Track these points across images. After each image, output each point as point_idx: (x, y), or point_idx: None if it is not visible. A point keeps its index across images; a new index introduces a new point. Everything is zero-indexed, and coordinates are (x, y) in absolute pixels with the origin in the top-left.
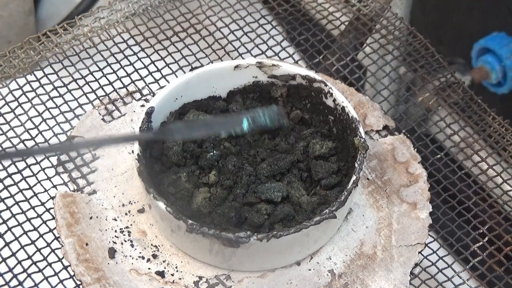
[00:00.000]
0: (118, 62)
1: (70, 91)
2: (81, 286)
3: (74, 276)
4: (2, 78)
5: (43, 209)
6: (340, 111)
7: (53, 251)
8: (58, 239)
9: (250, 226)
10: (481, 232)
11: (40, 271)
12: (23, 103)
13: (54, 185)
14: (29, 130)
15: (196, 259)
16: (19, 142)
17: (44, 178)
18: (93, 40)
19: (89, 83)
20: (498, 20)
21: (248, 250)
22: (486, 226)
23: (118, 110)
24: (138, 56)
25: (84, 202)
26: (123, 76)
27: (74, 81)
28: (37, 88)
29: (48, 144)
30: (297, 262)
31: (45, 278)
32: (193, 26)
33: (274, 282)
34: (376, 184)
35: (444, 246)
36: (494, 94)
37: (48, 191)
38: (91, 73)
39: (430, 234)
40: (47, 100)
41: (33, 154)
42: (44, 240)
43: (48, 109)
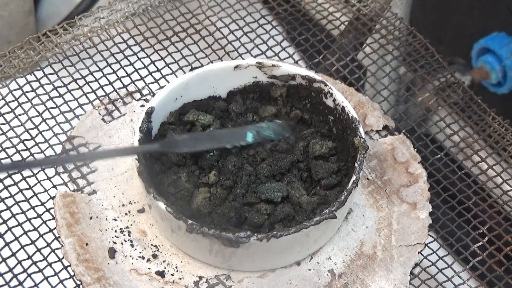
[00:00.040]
0: (118, 62)
1: (70, 91)
2: (81, 286)
3: (74, 276)
4: (2, 78)
5: (43, 209)
6: (340, 111)
7: (53, 251)
8: (58, 239)
9: (250, 226)
10: (481, 232)
11: (40, 271)
12: (23, 103)
13: (54, 185)
14: (29, 130)
15: (196, 259)
16: (19, 142)
17: (44, 178)
18: (93, 40)
19: (89, 83)
20: (498, 20)
21: (248, 250)
22: (486, 226)
23: (118, 110)
24: (138, 56)
25: (84, 202)
26: (123, 76)
27: (74, 81)
28: (37, 88)
29: (55, 154)
30: (297, 262)
31: (45, 278)
32: (193, 26)
33: (274, 282)
34: (376, 184)
35: (444, 246)
36: (494, 94)
37: (48, 191)
38: (91, 73)
39: (430, 234)
40: (47, 100)
41: (40, 166)
42: (44, 240)
43: (48, 109)
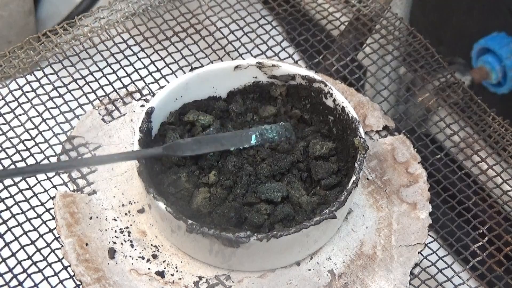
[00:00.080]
0: (118, 62)
1: (70, 91)
2: (81, 286)
3: (74, 276)
4: (2, 78)
5: (43, 209)
6: (340, 111)
7: (53, 251)
8: (58, 239)
9: (250, 226)
10: (481, 232)
11: (40, 271)
12: (23, 103)
13: (54, 185)
14: (29, 130)
15: (196, 259)
16: (19, 142)
17: (44, 178)
18: (93, 40)
19: (89, 83)
20: (498, 20)
21: (248, 250)
22: (486, 226)
23: (118, 110)
24: (138, 56)
25: (84, 202)
26: (123, 76)
27: (74, 81)
28: (37, 88)
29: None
30: (297, 262)
31: (45, 278)
32: (193, 26)
33: (274, 282)
34: (376, 184)
35: (444, 246)
36: (494, 94)
37: (48, 191)
38: (91, 73)
39: (430, 234)
40: (47, 100)
41: (44, 172)
42: (44, 240)
43: (48, 109)
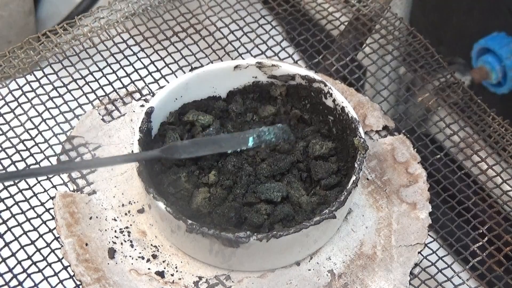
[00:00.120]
0: (118, 62)
1: (70, 91)
2: (81, 286)
3: (74, 276)
4: (2, 78)
5: (43, 209)
6: (339, 111)
7: (53, 251)
8: (58, 239)
9: (250, 226)
10: (480, 232)
11: (40, 271)
12: (23, 103)
13: (54, 185)
14: (29, 130)
15: (196, 259)
16: (19, 142)
17: (43, 178)
18: (93, 40)
19: (88, 83)
20: (498, 20)
21: (248, 250)
22: (486, 226)
23: (118, 110)
24: (137, 56)
25: (84, 202)
26: (123, 76)
27: (73, 81)
28: (37, 88)
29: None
30: (296, 262)
31: (45, 278)
32: (193, 26)
33: (274, 282)
34: (375, 184)
35: (443, 246)
36: (494, 94)
37: (47, 191)
38: (91, 73)
39: (429, 234)
40: (47, 100)
41: (44, 174)
42: (44, 240)
43: (48, 109)
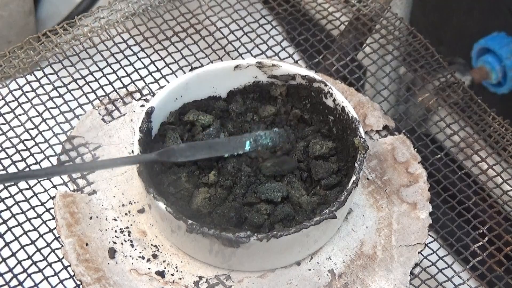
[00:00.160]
0: (118, 62)
1: (70, 91)
2: (81, 286)
3: (74, 276)
4: (2, 78)
5: (43, 209)
6: (340, 111)
7: (53, 251)
8: (58, 239)
9: (250, 226)
10: (481, 232)
11: (40, 271)
12: (23, 103)
13: (54, 185)
14: (29, 130)
15: (196, 259)
16: (19, 142)
17: (44, 178)
18: (93, 40)
19: (89, 83)
20: (498, 20)
21: (248, 250)
22: (486, 226)
23: (118, 110)
24: (138, 56)
25: (84, 202)
26: (123, 76)
27: (74, 81)
28: (37, 88)
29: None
30: (297, 262)
31: (45, 278)
32: (193, 26)
33: (274, 282)
34: (376, 184)
35: (444, 246)
36: (494, 94)
37: (48, 191)
38: (91, 73)
39: (430, 234)
40: (47, 100)
41: (46, 176)
42: (44, 240)
43: (48, 109)
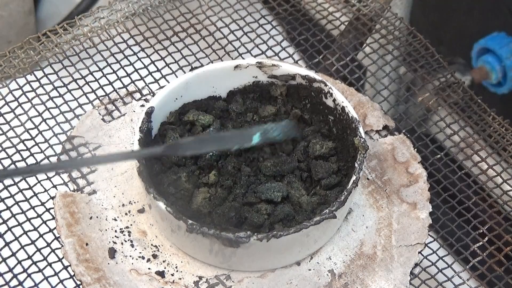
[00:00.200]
0: (118, 62)
1: (70, 91)
2: (81, 286)
3: (74, 276)
4: (2, 78)
5: (43, 209)
6: (340, 111)
7: (53, 251)
8: (58, 239)
9: (250, 226)
10: (481, 232)
11: (40, 271)
12: (23, 103)
13: (54, 185)
14: (29, 130)
15: (196, 259)
16: (19, 142)
17: (44, 178)
18: (93, 40)
19: (89, 83)
20: (498, 20)
21: (248, 250)
22: (486, 226)
23: (118, 110)
24: (138, 56)
25: (84, 202)
26: (123, 76)
27: (74, 81)
28: (37, 88)
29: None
30: (297, 262)
31: (45, 278)
32: (193, 26)
33: (274, 282)
34: (376, 184)
35: (444, 246)
36: (494, 94)
37: (48, 191)
38: (91, 73)
39: (430, 234)
40: (47, 100)
41: (42, 172)
42: (44, 240)
43: (48, 109)
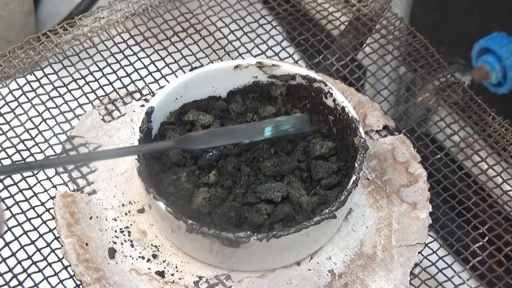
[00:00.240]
0: (118, 62)
1: (70, 91)
2: (81, 286)
3: (74, 276)
4: (2, 78)
5: (43, 209)
6: (340, 111)
7: (53, 251)
8: (58, 239)
9: (250, 226)
10: (481, 232)
11: (40, 271)
12: (23, 103)
13: (54, 185)
14: (29, 130)
15: (196, 259)
16: (19, 142)
17: (44, 178)
18: (93, 40)
19: (89, 83)
20: (498, 20)
21: (248, 250)
22: (486, 226)
23: (118, 110)
24: (138, 56)
25: (84, 202)
26: (123, 76)
27: (74, 81)
28: (37, 88)
29: (55, 154)
30: (297, 262)
31: (45, 278)
32: (193, 26)
33: (274, 282)
34: (376, 184)
35: (444, 246)
36: (494, 94)
37: (48, 191)
38: (91, 73)
39: (430, 234)
40: (47, 100)
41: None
42: (44, 240)
43: (48, 109)
